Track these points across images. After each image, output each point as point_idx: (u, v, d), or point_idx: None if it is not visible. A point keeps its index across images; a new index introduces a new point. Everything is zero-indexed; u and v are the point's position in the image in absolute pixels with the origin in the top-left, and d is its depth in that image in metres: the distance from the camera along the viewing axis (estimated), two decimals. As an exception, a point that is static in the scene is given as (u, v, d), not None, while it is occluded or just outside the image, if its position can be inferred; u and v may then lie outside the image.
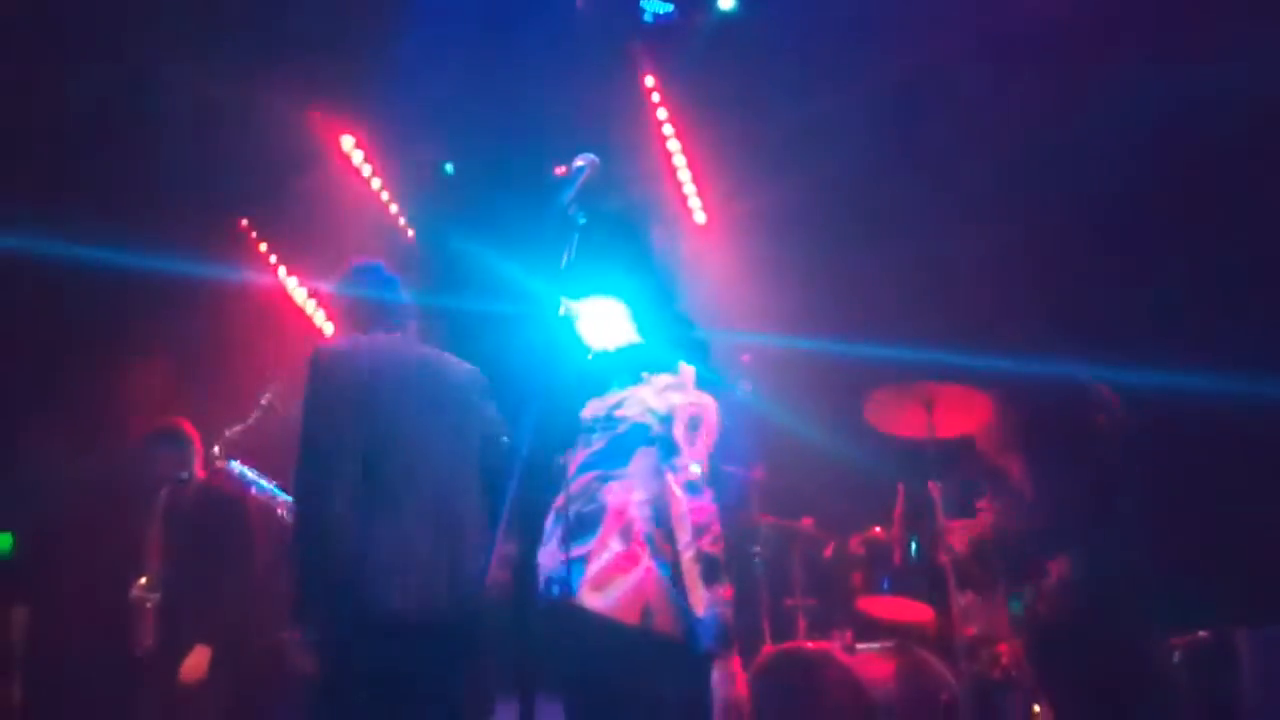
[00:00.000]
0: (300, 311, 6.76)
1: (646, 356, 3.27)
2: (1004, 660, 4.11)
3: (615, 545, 2.78)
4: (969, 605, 4.23)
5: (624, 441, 2.97)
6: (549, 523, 2.89)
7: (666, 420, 2.97)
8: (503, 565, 1.68)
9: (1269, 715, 3.68)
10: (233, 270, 6.35)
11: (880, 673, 4.13)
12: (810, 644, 4.29)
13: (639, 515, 2.83)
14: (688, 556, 2.75)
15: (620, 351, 3.22)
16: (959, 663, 4.02)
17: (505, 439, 3.15)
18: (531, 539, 1.75)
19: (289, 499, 4.26)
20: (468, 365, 3.25)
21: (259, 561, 4.49)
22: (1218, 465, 4.57)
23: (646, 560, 2.74)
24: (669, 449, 2.91)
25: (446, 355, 3.28)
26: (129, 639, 4.42)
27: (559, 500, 2.75)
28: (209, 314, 6.21)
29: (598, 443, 2.99)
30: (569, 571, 2.65)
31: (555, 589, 2.69)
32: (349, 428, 2.93)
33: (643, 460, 2.93)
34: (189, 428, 4.79)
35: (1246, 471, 4.50)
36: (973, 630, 4.17)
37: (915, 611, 4.44)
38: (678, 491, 2.82)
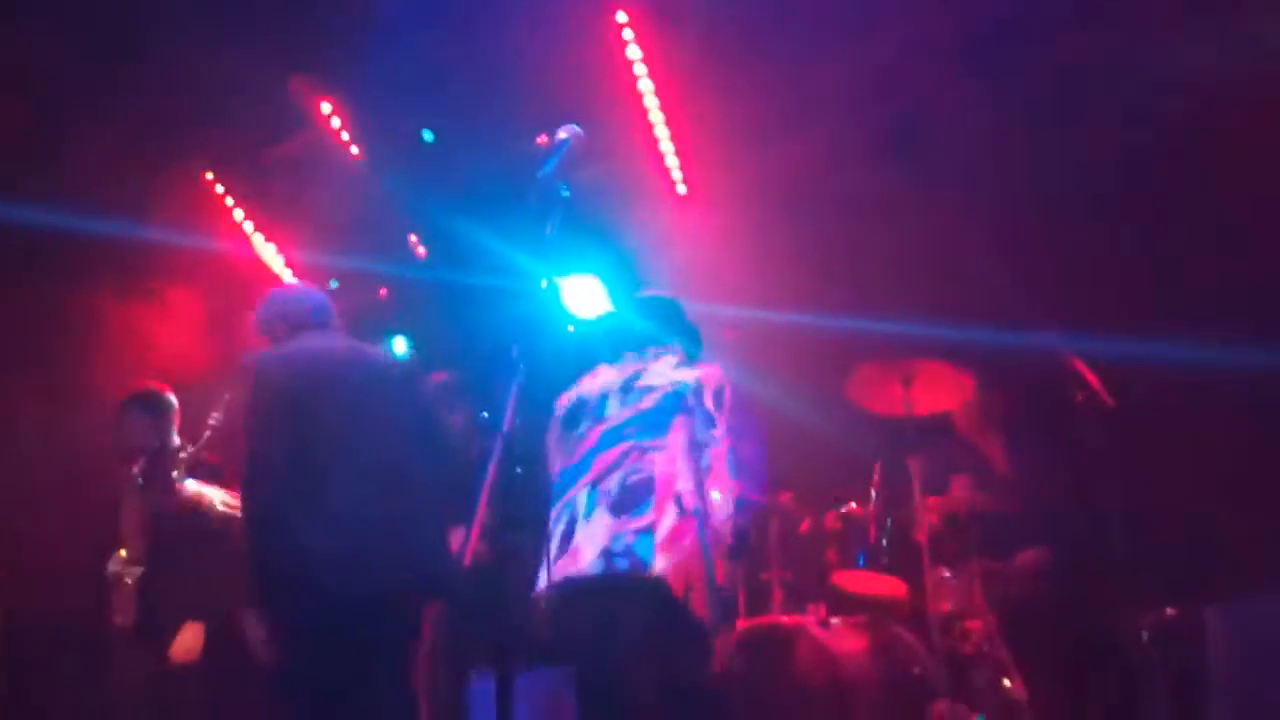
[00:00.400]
0: (277, 279, 6.70)
1: (627, 329, 3.26)
2: (976, 636, 4.16)
3: (671, 514, 2.77)
4: (942, 581, 4.27)
5: (658, 412, 2.96)
6: (562, 501, 2.87)
7: (699, 392, 2.96)
8: (483, 537, 1.67)
9: (1237, 691, 3.73)
10: (203, 234, 6.27)
11: (854, 647, 4.16)
12: (785, 618, 4.31)
13: (687, 487, 2.82)
14: (724, 530, 2.76)
15: (601, 323, 3.21)
16: (931, 638, 4.07)
17: (456, 413, 3.27)
18: (510, 512, 1.75)
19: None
20: (388, 353, 3.44)
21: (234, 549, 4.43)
22: (1190, 442, 4.61)
23: (694, 535, 2.74)
24: (707, 420, 2.90)
25: (369, 346, 3.60)
26: (106, 613, 4.31)
27: (578, 473, 2.72)
28: (180, 277, 6.14)
29: (624, 412, 2.97)
30: (636, 543, 2.65)
31: (623, 561, 2.68)
32: (287, 429, 3.13)
33: (682, 431, 2.92)
34: (167, 391, 4.61)
35: (1218, 449, 4.55)
36: (946, 606, 4.21)
37: (889, 586, 4.47)
38: (719, 465, 2.82)
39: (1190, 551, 4.42)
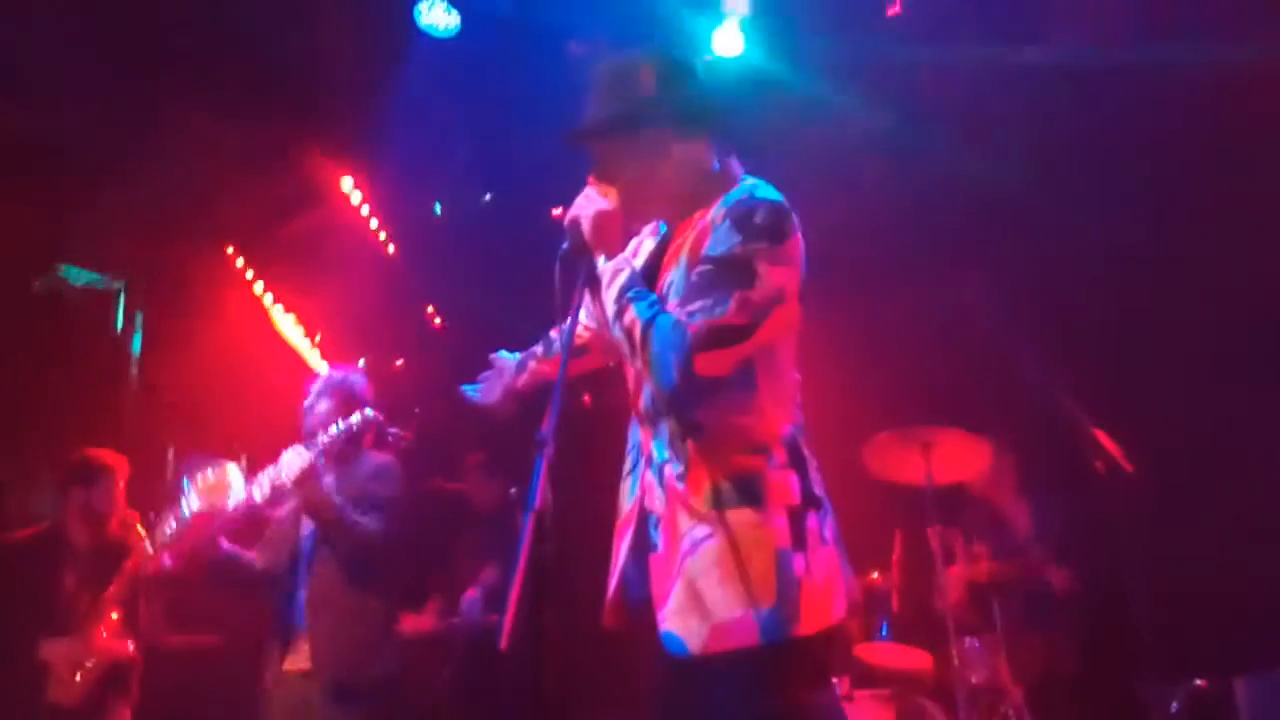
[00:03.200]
0: (291, 351, 6.76)
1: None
2: (1004, 708, 4.09)
3: None
4: (968, 652, 4.21)
5: None
6: None
7: None
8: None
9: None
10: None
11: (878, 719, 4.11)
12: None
13: None
14: None
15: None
16: (959, 711, 4.00)
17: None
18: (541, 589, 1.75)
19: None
20: None
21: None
22: (1216, 510, 4.57)
23: None
24: None
25: None
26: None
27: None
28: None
29: None
30: None
31: None
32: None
33: None
34: (102, 459, 4.47)
35: (1243, 516, 4.51)
36: (973, 677, 4.15)
37: (914, 659, 4.42)
38: None
39: (1219, 621, 4.36)
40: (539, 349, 2.69)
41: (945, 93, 5.15)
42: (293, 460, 3.52)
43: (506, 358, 2.70)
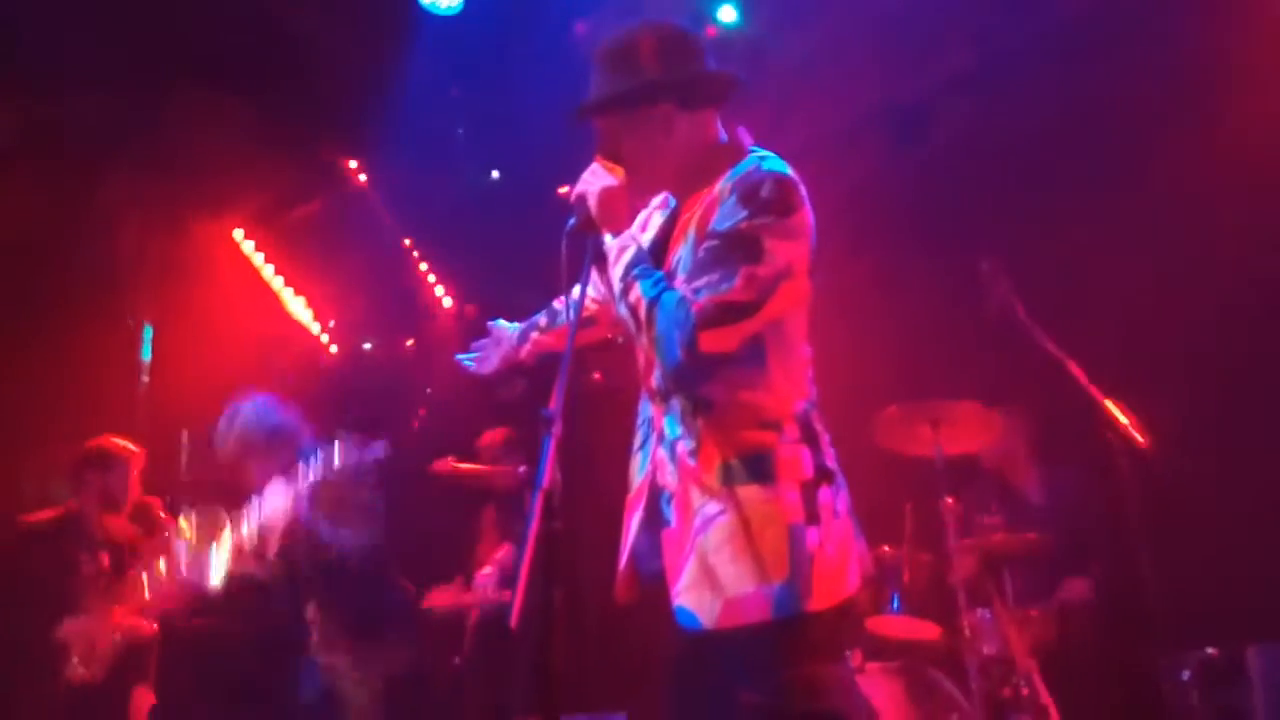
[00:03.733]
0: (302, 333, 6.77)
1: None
2: (1015, 679, 4.11)
3: None
4: (980, 623, 4.23)
5: None
6: None
7: None
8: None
9: (1282, 732, 3.67)
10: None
11: (889, 692, 4.12)
12: (819, 664, 4.26)
13: None
14: None
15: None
16: (970, 682, 4.02)
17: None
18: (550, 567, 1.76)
19: None
20: None
21: None
22: (1229, 480, 4.57)
23: None
24: None
25: None
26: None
27: None
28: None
29: None
30: None
31: None
32: None
33: None
34: (118, 447, 4.55)
35: (1257, 486, 4.51)
36: (984, 648, 4.16)
37: (925, 630, 4.43)
38: None
39: (1231, 590, 4.37)
40: (541, 319, 2.69)
41: (960, 57, 5.12)
42: (276, 501, 3.39)
43: (505, 327, 2.69)
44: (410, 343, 7.26)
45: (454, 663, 5.28)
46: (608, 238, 2.22)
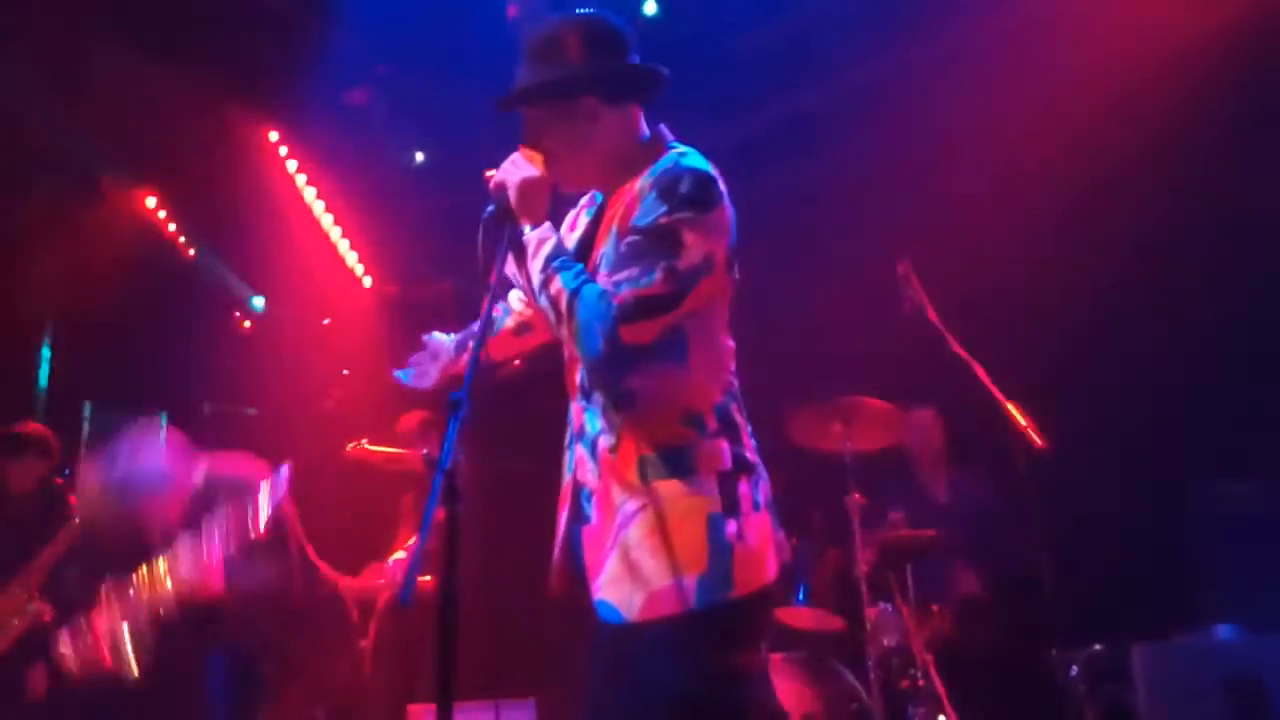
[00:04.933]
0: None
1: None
2: (912, 671, 4.22)
3: None
4: (880, 617, 4.33)
5: None
6: None
7: None
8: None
9: (1161, 726, 3.83)
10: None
11: (793, 681, 4.20)
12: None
13: None
14: None
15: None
16: (869, 673, 4.12)
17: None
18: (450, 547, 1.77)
19: None
20: None
21: None
22: (1119, 483, 4.75)
23: None
24: None
25: None
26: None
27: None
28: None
29: None
30: None
31: None
32: None
33: None
34: (33, 432, 4.53)
35: (1144, 489, 4.70)
36: (883, 641, 4.27)
37: (828, 621, 4.53)
38: None
39: (1121, 590, 4.55)
40: (477, 328, 2.66)
41: (876, 67, 5.22)
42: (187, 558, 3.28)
43: (441, 339, 2.65)
44: (326, 321, 7.14)
45: (360, 646, 5.22)
46: (526, 229, 2.22)
